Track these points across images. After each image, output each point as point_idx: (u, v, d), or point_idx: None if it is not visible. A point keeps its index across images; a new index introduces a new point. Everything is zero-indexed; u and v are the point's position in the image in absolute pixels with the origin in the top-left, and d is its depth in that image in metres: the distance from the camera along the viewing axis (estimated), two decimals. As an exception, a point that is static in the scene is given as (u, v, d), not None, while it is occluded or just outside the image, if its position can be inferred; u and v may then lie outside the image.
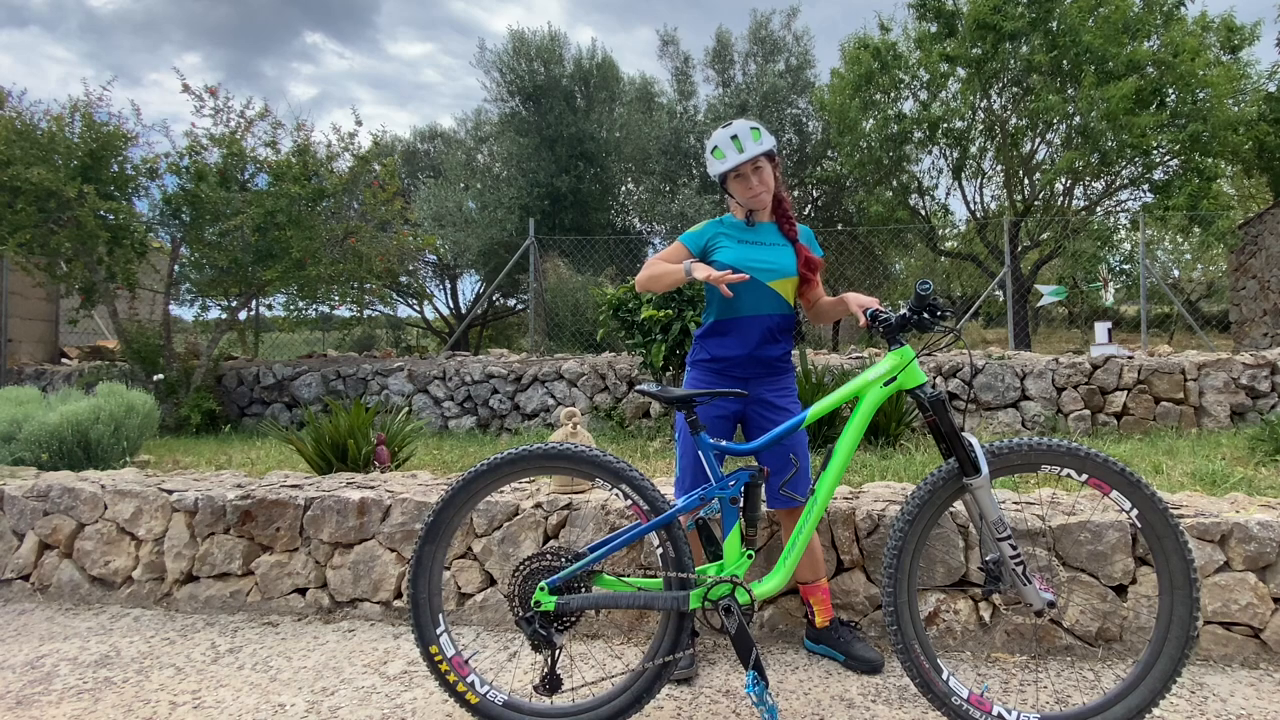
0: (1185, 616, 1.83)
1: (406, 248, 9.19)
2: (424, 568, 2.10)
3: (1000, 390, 6.46)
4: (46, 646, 2.81)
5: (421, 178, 14.45)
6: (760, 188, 2.40)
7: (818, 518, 2.05)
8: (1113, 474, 1.88)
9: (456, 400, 7.59)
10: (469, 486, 2.10)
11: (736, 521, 2.05)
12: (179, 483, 3.51)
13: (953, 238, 15.80)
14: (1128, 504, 1.88)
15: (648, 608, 2.02)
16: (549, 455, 2.08)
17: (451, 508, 2.10)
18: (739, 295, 2.38)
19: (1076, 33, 10.37)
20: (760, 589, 2.03)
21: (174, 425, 7.27)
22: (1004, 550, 1.91)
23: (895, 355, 2.04)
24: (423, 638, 2.08)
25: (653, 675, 2.01)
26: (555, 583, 2.01)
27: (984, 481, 1.91)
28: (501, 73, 13.29)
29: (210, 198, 7.25)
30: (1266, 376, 6.18)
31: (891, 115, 11.79)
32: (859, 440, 2.06)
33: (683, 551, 2.04)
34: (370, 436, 4.19)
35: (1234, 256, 12.87)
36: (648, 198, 13.85)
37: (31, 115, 7.34)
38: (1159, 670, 1.86)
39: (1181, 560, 1.84)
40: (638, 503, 2.04)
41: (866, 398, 2.06)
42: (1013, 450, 1.93)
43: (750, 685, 1.94)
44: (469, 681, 2.06)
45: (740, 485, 2.04)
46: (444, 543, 2.12)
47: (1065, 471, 1.90)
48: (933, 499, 1.97)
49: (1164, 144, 10.44)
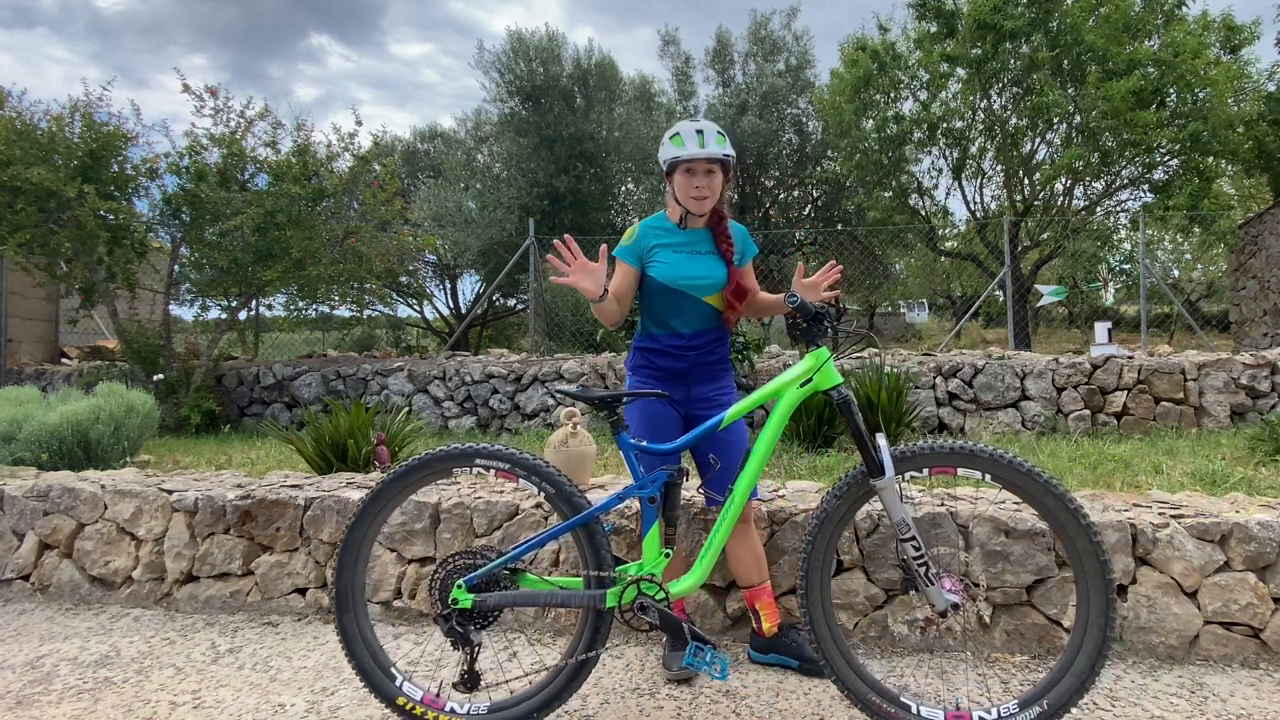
0: (1101, 605, 1.82)
1: (406, 248, 9.20)
2: (352, 637, 2.08)
3: (1000, 390, 6.46)
4: (46, 646, 2.81)
5: (421, 178, 14.45)
6: (705, 190, 2.30)
7: (734, 517, 2.05)
8: (1003, 467, 1.89)
9: (456, 400, 7.59)
10: (376, 502, 2.10)
11: (655, 521, 2.05)
12: (179, 483, 3.51)
13: (953, 238, 15.81)
14: (977, 473, 1.91)
15: (565, 605, 2.02)
16: (468, 455, 2.06)
17: (357, 533, 2.11)
18: (673, 310, 2.37)
19: (1078, 31, 10.38)
20: (676, 588, 2.05)
21: (174, 425, 7.27)
22: (907, 551, 1.94)
23: (812, 357, 2.06)
24: (386, 696, 2.05)
25: (571, 672, 2.01)
26: (473, 580, 2.01)
27: (888, 483, 1.93)
28: (501, 73, 13.30)
29: (210, 198, 7.25)
30: (1266, 376, 6.18)
31: (891, 116, 11.79)
32: (776, 439, 2.07)
33: (601, 551, 2.03)
34: (370, 436, 4.19)
35: (1234, 256, 12.87)
36: (647, 198, 13.85)
37: (31, 115, 7.34)
38: (1080, 665, 1.85)
39: (1086, 540, 1.84)
40: (555, 503, 2.05)
41: (785, 397, 2.07)
42: (917, 454, 1.95)
43: (690, 658, 1.96)
44: (448, 710, 2.04)
45: (659, 485, 2.04)
46: (362, 570, 2.13)
47: (963, 471, 1.92)
48: (842, 501, 2.00)
49: (1164, 143, 10.44)
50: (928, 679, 2.39)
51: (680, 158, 2.28)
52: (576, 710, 2.23)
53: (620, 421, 2.09)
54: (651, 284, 2.38)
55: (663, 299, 2.38)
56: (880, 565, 2.68)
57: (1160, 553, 2.53)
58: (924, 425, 6.44)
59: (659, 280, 2.35)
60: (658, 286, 2.37)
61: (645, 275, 2.39)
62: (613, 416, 2.08)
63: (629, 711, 2.22)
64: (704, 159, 2.27)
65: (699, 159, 2.27)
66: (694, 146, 2.26)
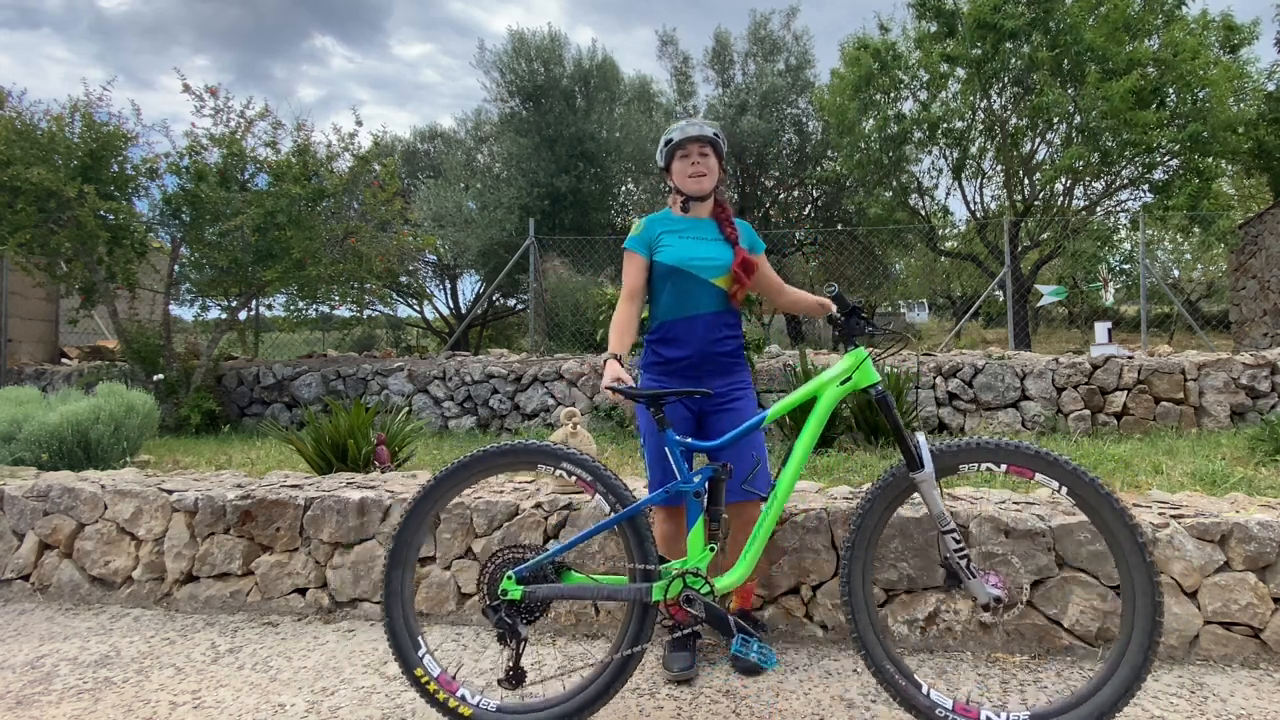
0: (1145, 583, 1.84)
1: (406, 248, 9.19)
2: (395, 594, 2.11)
3: (1000, 390, 6.46)
4: (46, 646, 2.81)
5: (421, 178, 14.44)
6: (702, 168, 2.45)
7: (777, 513, 2.12)
8: (1029, 458, 1.94)
9: (456, 400, 7.59)
10: (429, 497, 2.12)
11: (700, 516, 2.10)
12: (179, 483, 3.51)
13: (953, 238, 15.80)
14: (1055, 483, 1.93)
15: (611, 599, 2.07)
16: (521, 451, 2.12)
17: (413, 523, 2.12)
18: (682, 294, 2.44)
19: (1077, 31, 10.37)
20: (722, 582, 2.08)
21: (174, 425, 7.27)
22: (948, 544, 1.99)
23: (851, 356, 2.14)
24: (406, 662, 2.08)
25: (617, 667, 2.03)
26: (523, 572, 2.04)
27: (928, 476, 1.97)
28: (501, 73, 13.29)
29: (210, 198, 7.25)
30: (1266, 376, 6.18)
31: (891, 116, 11.78)
32: (817, 436, 2.13)
33: (646, 545, 2.07)
34: (370, 436, 4.19)
35: (1234, 256, 12.87)
36: (647, 198, 13.85)
37: (31, 115, 7.34)
38: (1132, 654, 1.85)
39: (1125, 528, 1.86)
40: (604, 498, 2.10)
41: (824, 396, 2.14)
42: (960, 449, 1.99)
43: (737, 647, 1.99)
44: (459, 696, 2.06)
45: (704, 481, 2.09)
46: (411, 562, 2.14)
47: (985, 466, 1.97)
48: (883, 495, 2.04)
49: (1164, 144, 10.43)
50: (929, 679, 2.39)
51: (672, 139, 2.46)
52: (576, 710, 2.22)
53: (665, 419, 2.15)
54: (659, 268, 2.46)
55: (670, 282, 2.45)
56: (880, 565, 2.68)
57: (1160, 553, 2.53)
58: (924, 425, 6.44)
59: (666, 263, 2.44)
60: (665, 269, 2.45)
61: (655, 262, 2.47)
62: (659, 414, 2.14)
63: (629, 711, 2.22)
64: (694, 137, 2.44)
65: (689, 138, 2.44)
66: (685, 127, 2.46)
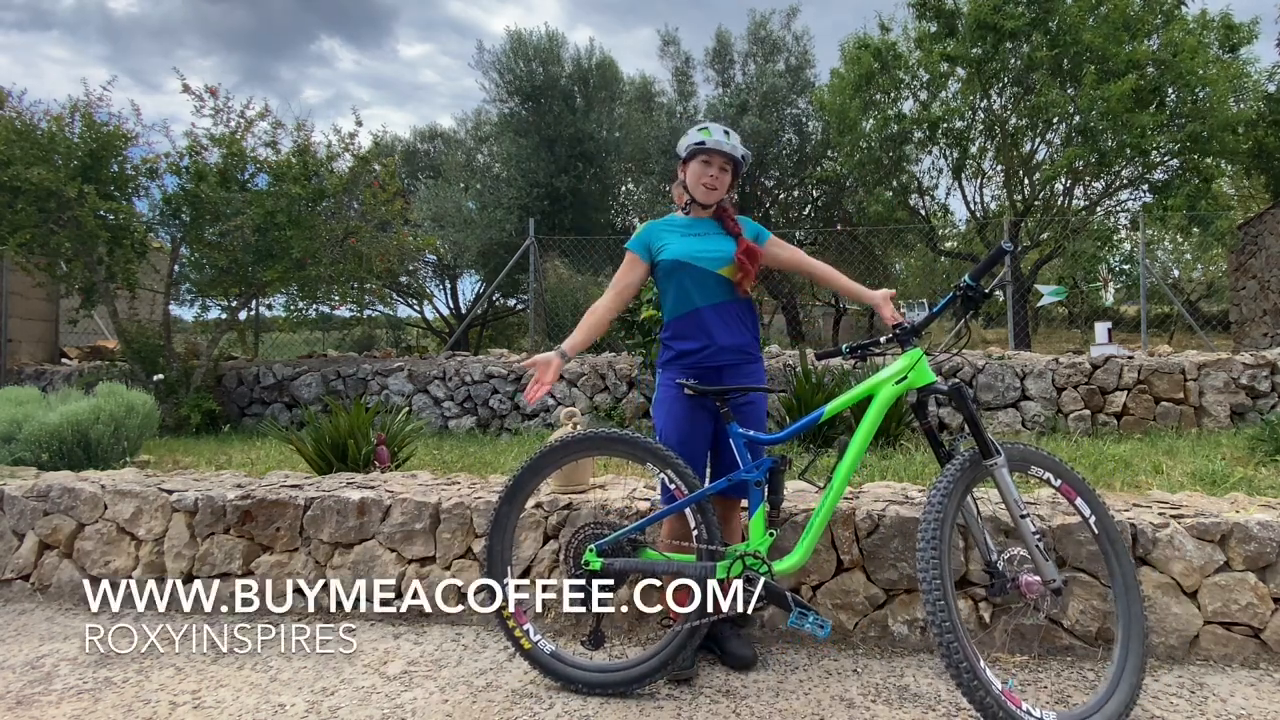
0: None
1: (406, 248, 9.18)
2: (500, 524, 2.39)
3: (1000, 390, 6.46)
4: (46, 646, 2.81)
5: (421, 178, 14.43)
6: (716, 182, 2.49)
7: (833, 502, 2.24)
8: (1076, 482, 2.14)
9: (456, 400, 7.59)
10: (546, 458, 2.41)
11: (761, 504, 2.25)
12: (179, 483, 3.51)
13: (953, 238, 15.79)
14: (1087, 510, 2.12)
15: (680, 575, 2.27)
16: (610, 439, 2.41)
17: (529, 473, 2.40)
18: (687, 288, 2.47)
19: (1077, 31, 10.37)
20: (780, 566, 2.23)
21: (174, 425, 7.26)
22: (1025, 527, 2.07)
23: (907, 357, 2.21)
24: (491, 586, 2.33)
25: (686, 635, 2.26)
26: (604, 546, 2.28)
27: (1004, 462, 2.06)
28: (500, 73, 13.27)
29: (210, 198, 7.24)
30: (1266, 376, 6.18)
31: (891, 115, 11.77)
32: (873, 434, 2.22)
33: (713, 527, 2.27)
34: (370, 436, 4.19)
35: (1234, 256, 12.87)
36: (647, 197, 13.84)
37: (32, 115, 7.33)
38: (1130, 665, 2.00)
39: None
40: (679, 485, 2.29)
41: (880, 395, 2.23)
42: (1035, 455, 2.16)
43: (794, 619, 2.18)
44: (525, 629, 2.33)
45: (764, 471, 2.25)
46: (519, 504, 2.43)
47: (1045, 475, 2.12)
48: (960, 480, 2.09)
49: (1163, 144, 10.43)
50: (929, 679, 2.39)
51: (705, 144, 2.46)
52: (577, 710, 2.23)
53: (729, 414, 2.32)
54: (663, 266, 2.50)
55: (675, 278, 2.49)
56: (880, 565, 2.67)
57: (1160, 553, 2.53)
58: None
59: (671, 259, 2.48)
60: (669, 266, 2.49)
61: (658, 263, 2.51)
62: (724, 409, 2.32)
63: (629, 711, 2.22)
64: (725, 152, 2.46)
65: (721, 150, 2.45)
66: (720, 138, 2.46)
